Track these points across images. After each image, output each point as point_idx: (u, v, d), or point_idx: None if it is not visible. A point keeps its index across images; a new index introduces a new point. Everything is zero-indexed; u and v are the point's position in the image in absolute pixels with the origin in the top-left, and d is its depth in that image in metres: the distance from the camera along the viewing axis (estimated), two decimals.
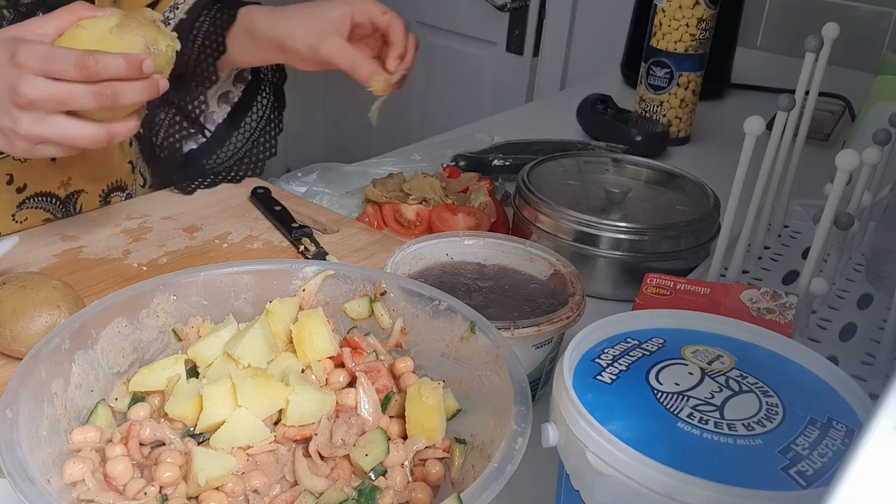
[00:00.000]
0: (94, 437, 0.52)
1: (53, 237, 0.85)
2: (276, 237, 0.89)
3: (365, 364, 0.58)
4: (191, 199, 0.95)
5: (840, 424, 0.44)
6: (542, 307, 0.67)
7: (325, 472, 0.51)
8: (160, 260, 0.83)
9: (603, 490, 0.42)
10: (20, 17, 0.80)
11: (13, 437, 0.45)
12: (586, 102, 1.29)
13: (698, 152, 1.26)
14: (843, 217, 0.69)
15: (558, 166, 0.96)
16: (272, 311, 0.59)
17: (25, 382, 0.48)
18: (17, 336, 0.64)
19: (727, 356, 0.50)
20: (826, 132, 1.29)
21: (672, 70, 1.21)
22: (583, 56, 2.12)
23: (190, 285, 0.60)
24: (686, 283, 0.68)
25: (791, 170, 0.87)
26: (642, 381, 0.47)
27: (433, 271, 0.71)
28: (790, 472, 0.41)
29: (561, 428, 0.45)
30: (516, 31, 2.21)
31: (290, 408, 0.53)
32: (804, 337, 0.75)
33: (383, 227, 0.92)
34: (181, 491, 0.49)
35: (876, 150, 0.72)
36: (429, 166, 1.08)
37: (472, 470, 0.51)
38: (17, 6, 0.80)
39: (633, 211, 0.89)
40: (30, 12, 0.81)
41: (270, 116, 1.02)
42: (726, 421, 0.44)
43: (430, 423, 0.53)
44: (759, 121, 0.73)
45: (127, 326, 0.57)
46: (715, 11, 1.18)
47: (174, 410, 0.53)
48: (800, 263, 0.87)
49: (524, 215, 0.88)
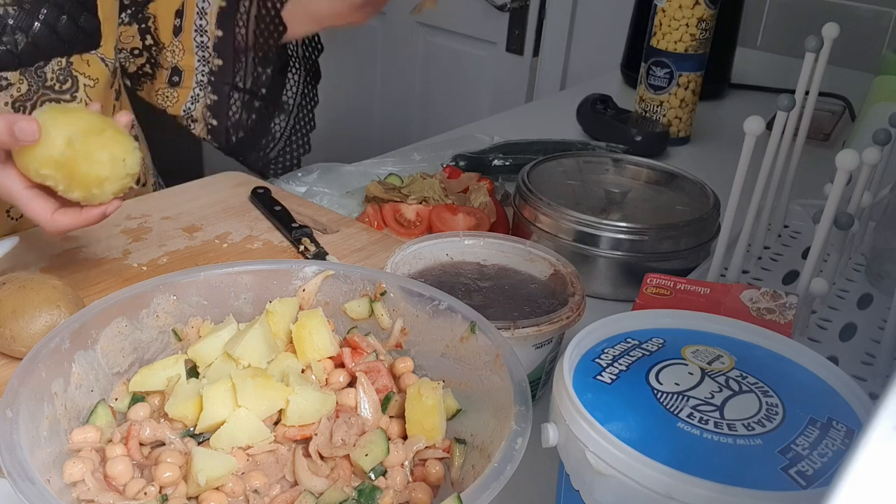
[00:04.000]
0: (94, 437, 0.52)
1: (53, 237, 0.85)
2: (276, 237, 0.89)
3: (365, 364, 0.58)
4: (191, 199, 0.95)
5: (840, 424, 0.44)
6: (542, 307, 0.66)
7: (325, 472, 0.51)
8: (160, 260, 0.83)
9: (603, 490, 0.42)
10: (24, 14, 0.81)
11: (13, 437, 0.45)
12: (586, 102, 1.29)
13: (698, 152, 1.26)
14: (843, 217, 0.69)
15: (558, 166, 0.96)
16: (272, 311, 0.59)
17: (25, 382, 0.48)
18: (17, 336, 0.64)
19: (727, 356, 0.50)
20: (826, 132, 1.29)
21: (672, 70, 1.21)
22: (583, 56, 2.12)
23: (190, 285, 0.60)
24: (686, 283, 0.68)
25: (791, 170, 0.87)
26: (642, 381, 0.47)
27: (433, 271, 0.71)
28: (790, 472, 0.41)
29: (561, 428, 0.45)
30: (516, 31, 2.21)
31: (290, 408, 0.53)
32: (804, 337, 0.75)
33: (383, 227, 0.92)
34: (181, 491, 0.49)
35: (876, 150, 0.72)
36: (429, 166, 1.08)
37: (472, 470, 0.51)
38: (22, 4, 0.80)
39: (633, 211, 0.89)
40: (34, 10, 0.81)
41: (305, 91, 1.03)
42: (726, 421, 0.44)
43: (430, 423, 0.53)
44: (759, 121, 0.73)
45: (127, 326, 0.57)
46: (715, 11, 1.18)
47: (174, 410, 0.53)
48: (800, 263, 0.87)
49: (524, 215, 0.88)
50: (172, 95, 0.99)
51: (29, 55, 0.83)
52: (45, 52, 0.84)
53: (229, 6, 0.95)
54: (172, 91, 0.99)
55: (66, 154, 0.65)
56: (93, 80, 0.89)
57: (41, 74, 0.85)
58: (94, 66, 0.89)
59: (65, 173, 0.65)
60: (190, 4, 0.96)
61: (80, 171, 0.65)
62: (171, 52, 0.98)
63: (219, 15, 0.95)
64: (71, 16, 0.84)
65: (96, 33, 0.88)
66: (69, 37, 0.85)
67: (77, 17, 0.85)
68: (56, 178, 0.65)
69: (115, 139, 0.67)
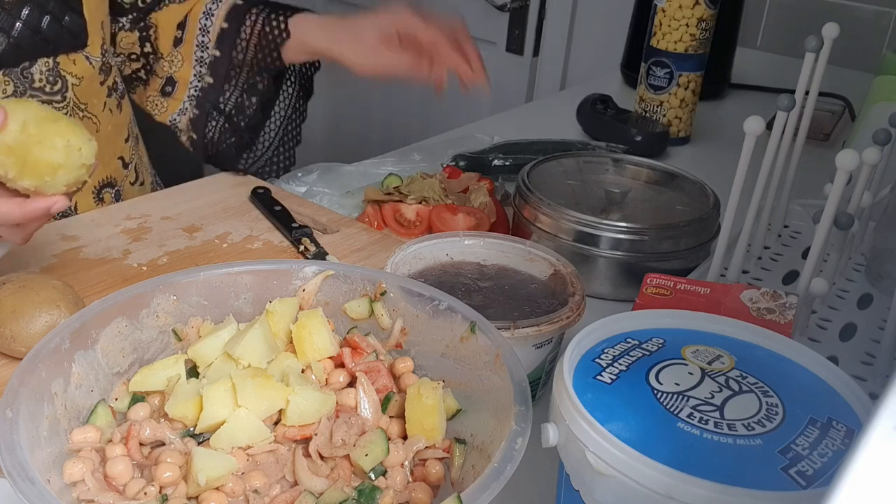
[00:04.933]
0: (94, 437, 0.51)
1: (53, 237, 0.85)
2: (276, 237, 0.89)
3: (365, 364, 0.58)
4: (191, 199, 0.95)
5: (840, 424, 0.44)
6: (542, 307, 0.66)
7: (325, 472, 0.51)
8: (160, 260, 0.83)
9: (603, 490, 0.42)
10: (4, 14, 0.80)
11: (13, 437, 0.45)
12: (586, 102, 1.29)
13: (698, 152, 1.26)
14: (843, 217, 0.69)
15: (558, 166, 0.96)
16: (272, 311, 0.59)
17: (25, 382, 0.48)
18: (17, 336, 0.64)
19: (727, 356, 0.50)
20: (826, 132, 1.29)
21: (672, 70, 1.21)
22: (583, 56, 2.12)
23: (190, 285, 0.60)
24: (686, 283, 0.68)
25: (791, 170, 0.87)
26: (642, 381, 0.47)
27: (433, 271, 0.71)
28: (790, 472, 0.41)
29: (561, 428, 0.45)
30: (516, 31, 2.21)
31: (290, 408, 0.53)
32: (804, 337, 0.75)
33: (383, 227, 0.92)
34: (181, 491, 0.49)
35: (876, 150, 0.72)
36: (429, 166, 1.08)
37: (472, 470, 0.51)
38: (3, 4, 0.80)
39: (633, 211, 0.89)
40: (14, 10, 0.81)
41: (296, 105, 1.03)
42: (726, 421, 0.44)
43: (430, 423, 0.53)
44: (759, 121, 0.73)
45: (127, 326, 0.57)
46: (715, 11, 1.18)
47: (174, 410, 0.53)
48: (800, 263, 0.87)
49: (524, 215, 0.88)
50: (162, 104, 1.00)
51: (11, 56, 0.82)
52: (29, 53, 0.84)
53: (230, 28, 0.95)
54: (163, 100, 1.00)
55: (19, 139, 0.62)
56: (77, 79, 0.89)
57: (27, 76, 0.84)
58: (80, 65, 0.89)
59: (17, 158, 0.62)
60: (193, 18, 0.96)
61: (33, 157, 0.62)
62: (168, 62, 0.98)
63: (219, 35, 0.95)
64: (54, 16, 0.84)
65: (82, 33, 0.88)
66: (54, 37, 0.85)
67: (61, 16, 0.85)
68: (7, 163, 0.62)
69: (70, 128, 0.64)
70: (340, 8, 2.55)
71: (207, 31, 0.95)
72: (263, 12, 0.95)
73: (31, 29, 0.82)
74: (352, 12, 0.93)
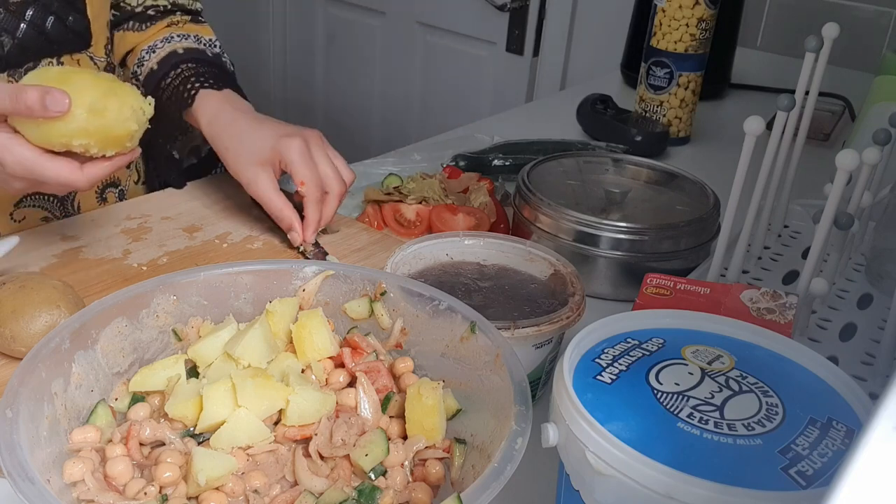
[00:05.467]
0: (94, 437, 0.52)
1: (53, 237, 0.85)
2: (276, 237, 0.89)
3: (365, 364, 0.58)
4: (191, 199, 0.95)
5: (840, 424, 0.44)
6: (542, 307, 0.66)
7: (325, 472, 0.51)
8: (160, 260, 0.83)
9: (603, 490, 0.42)
10: (9, 16, 0.80)
11: (13, 437, 0.45)
12: (586, 102, 1.29)
13: (698, 152, 1.26)
14: (843, 217, 0.69)
15: (558, 166, 0.96)
16: (272, 311, 0.59)
17: (25, 382, 0.48)
18: (17, 336, 0.64)
19: (727, 356, 0.50)
20: (826, 132, 1.29)
21: (672, 70, 1.21)
22: (583, 56, 2.12)
23: (190, 285, 0.60)
24: (686, 283, 0.68)
25: (791, 170, 0.87)
26: (642, 381, 0.47)
27: (433, 271, 0.71)
28: (790, 472, 0.41)
29: (561, 428, 0.45)
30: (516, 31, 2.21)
31: (290, 408, 0.53)
32: (804, 337, 0.75)
33: (383, 227, 0.92)
34: (181, 491, 0.49)
35: (876, 150, 0.72)
36: (429, 166, 1.08)
37: (472, 470, 0.51)
38: (6, 5, 0.80)
39: (633, 211, 0.89)
40: (19, 11, 0.81)
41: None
42: (726, 421, 0.44)
43: (430, 423, 0.53)
44: (759, 121, 0.73)
45: (127, 326, 0.57)
46: (715, 11, 1.18)
47: (174, 410, 0.53)
48: (800, 263, 0.87)
49: (524, 215, 0.88)
50: None
51: (16, 57, 0.82)
52: (33, 54, 0.84)
53: (158, 71, 0.94)
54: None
55: (93, 122, 0.67)
56: None
57: None
58: (84, 66, 0.89)
59: (99, 138, 0.68)
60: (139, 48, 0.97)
61: (114, 134, 0.68)
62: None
63: (148, 74, 0.95)
64: (58, 16, 0.84)
65: (86, 33, 0.88)
66: (58, 37, 0.85)
67: (65, 17, 0.85)
68: (89, 144, 0.68)
69: (128, 94, 0.69)
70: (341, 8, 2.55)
71: (143, 63, 0.95)
72: (189, 71, 0.92)
73: (35, 30, 0.82)
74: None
